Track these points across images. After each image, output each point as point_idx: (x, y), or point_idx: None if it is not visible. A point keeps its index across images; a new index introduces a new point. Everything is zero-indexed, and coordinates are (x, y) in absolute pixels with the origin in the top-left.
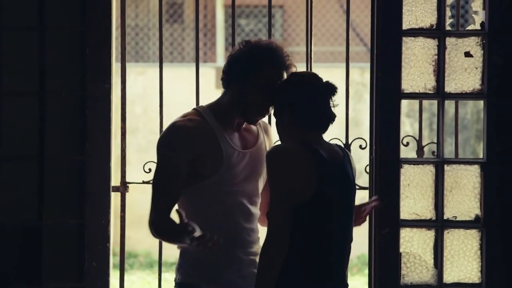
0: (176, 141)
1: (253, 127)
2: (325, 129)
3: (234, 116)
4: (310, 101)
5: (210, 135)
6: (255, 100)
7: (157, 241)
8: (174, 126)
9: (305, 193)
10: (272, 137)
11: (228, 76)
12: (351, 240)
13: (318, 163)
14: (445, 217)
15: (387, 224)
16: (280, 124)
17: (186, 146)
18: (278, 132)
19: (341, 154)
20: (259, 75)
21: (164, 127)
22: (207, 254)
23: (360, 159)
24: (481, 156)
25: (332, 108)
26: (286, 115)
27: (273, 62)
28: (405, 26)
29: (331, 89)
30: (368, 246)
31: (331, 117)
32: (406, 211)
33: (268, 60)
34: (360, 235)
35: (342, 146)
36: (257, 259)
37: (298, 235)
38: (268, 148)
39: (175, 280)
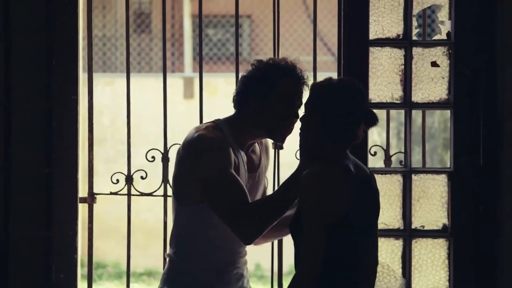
0: (218, 148)
1: (257, 150)
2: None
3: (248, 137)
4: (353, 110)
5: (232, 151)
6: (279, 115)
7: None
8: (204, 137)
9: (339, 213)
10: (270, 156)
11: (243, 97)
12: (377, 262)
13: (352, 182)
14: (413, 227)
15: None
16: (305, 136)
17: (226, 151)
18: (301, 144)
19: (367, 170)
20: (278, 90)
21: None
22: (197, 268)
23: None
24: (448, 165)
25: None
26: (319, 126)
27: (289, 74)
28: (372, 36)
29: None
30: None
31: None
32: None
33: (284, 72)
34: None
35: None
36: (245, 271)
37: (328, 254)
38: (265, 169)
39: None
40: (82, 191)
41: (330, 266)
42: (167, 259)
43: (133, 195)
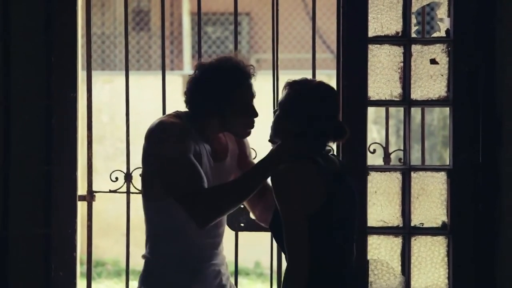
0: (176, 134)
1: (222, 139)
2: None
3: (209, 130)
4: (328, 114)
5: (192, 140)
6: (238, 121)
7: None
8: (164, 123)
9: (314, 206)
10: (248, 141)
11: (196, 103)
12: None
13: (323, 175)
14: (412, 224)
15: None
16: (280, 130)
17: (187, 137)
18: (274, 135)
19: (338, 163)
20: (232, 101)
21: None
22: (173, 268)
23: None
24: (447, 162)
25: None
26: (292, 124)
27: (239, 84)
28: (371, 33)
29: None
30: None
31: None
32: (373, 218)
33: (233, 85)
34: None
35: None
36: (222, 268)
37: (313, 252)
38: (236, 156)
39: None
40: (81, 189)
41: (315, 264)
42: (143, 260)
43: (132, 193)
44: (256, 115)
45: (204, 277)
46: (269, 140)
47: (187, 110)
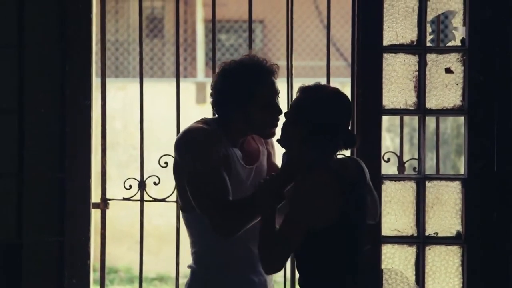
0: (201, 144)
1: (252, 142)
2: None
3: (237, 134)
4: (341, 122)
5: (223, 143)
6: (263, 119)
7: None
8: (193, 129)
9: (329, 220)
10: (273, 141)
11: (223, 107)
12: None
13: (342, 188)
14: (426, 234)
15: (369, 241)
16: (291, 134)
17: (215, 144)
18: (285, 139)
19: (351, 166)
20: (255, 99)
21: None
22: (219, 277)
23: None
24: (461, 170)
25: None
26: (304, 130)
27: (261, 81)
28: (386, 42)
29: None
30: None
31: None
32: (388, 228)
33: (256, 81)
34: None
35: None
36: (268, 278)
37: (326, 260)
38: (267, 157)
39: None
40: (95, 197)
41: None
42: (190, 270)
43: (146, 200)
44: (280, 112)
45: (254, 286)
46: (278, 141)
47: (215, 117)
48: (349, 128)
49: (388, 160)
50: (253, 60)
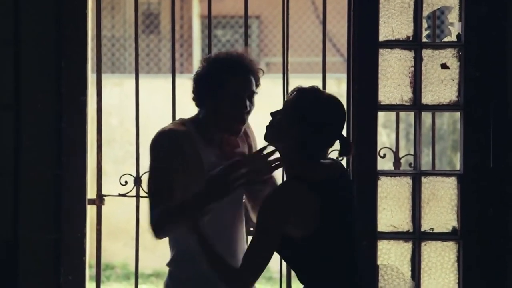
0: (167, 144)
1: (234, 141)
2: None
3: (213, 132)
4: (335, 128)
5: (193, 144)
6: (229, 112)
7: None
8: (158, 134)
9: (309, 229)
10: (254, 135)
11: (198, 95)
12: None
13: (321, 199)
14: (422, 229)
15: (365, 237)
16: (283, 134)
17: (176, 150)
18: (275, 137)
19: (339, 170)
20: (224, 88)
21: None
22: (195, 276)
23: None
24: (457, 166)
25: None
26: (296, 131)
27: (235, 72)
28: (382, 37)
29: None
30: None
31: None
32: (383, 223)
33: (229, 71)
34: None
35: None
36: None
37: (323, 267)
38: (247, 150)
39: None
40: (91, 193)
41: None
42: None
43: (142, 196)
44: (244, 107)
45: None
46: (265, 138)
47: (193, 115)
48: (344, 135)
49: (384, 155)
50: (232, 54)
